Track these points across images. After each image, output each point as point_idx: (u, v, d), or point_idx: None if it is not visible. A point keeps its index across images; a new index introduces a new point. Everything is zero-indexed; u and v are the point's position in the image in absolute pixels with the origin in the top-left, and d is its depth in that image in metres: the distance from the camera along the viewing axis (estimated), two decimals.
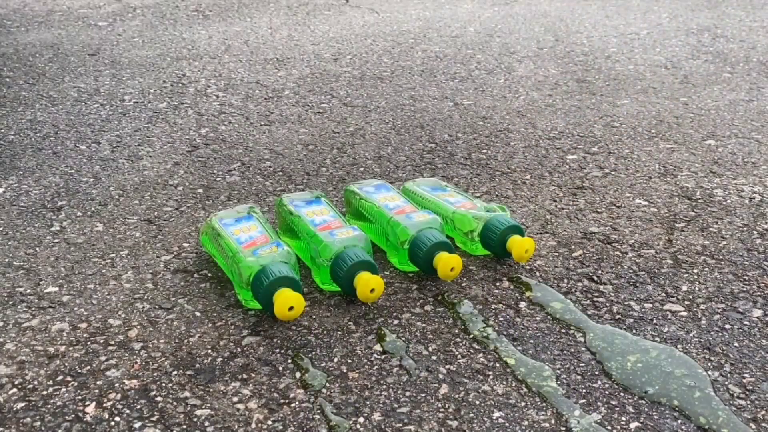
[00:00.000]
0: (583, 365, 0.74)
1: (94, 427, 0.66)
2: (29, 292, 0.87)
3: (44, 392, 0.70)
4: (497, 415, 0.68)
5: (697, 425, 0.66)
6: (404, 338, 0.78)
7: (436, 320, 0.82)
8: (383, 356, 0.76)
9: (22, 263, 0.93)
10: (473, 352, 0.76)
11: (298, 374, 0.73)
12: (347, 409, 0.68)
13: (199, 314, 0.83)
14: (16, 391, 0.71)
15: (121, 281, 0.89)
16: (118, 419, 0.67)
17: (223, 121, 1.45)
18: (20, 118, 1.45)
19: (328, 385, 0.71)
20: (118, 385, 0.71)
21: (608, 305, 0.85)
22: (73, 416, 0.67)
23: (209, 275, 0.90)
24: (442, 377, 0.73)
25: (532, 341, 0.78)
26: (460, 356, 0.76)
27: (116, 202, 1.10)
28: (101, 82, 1.69)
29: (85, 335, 0.79)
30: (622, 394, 0.70)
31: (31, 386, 0.71)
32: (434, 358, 0.75)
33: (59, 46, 2.00)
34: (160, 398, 0.70)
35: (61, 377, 0.73)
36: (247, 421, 0.67)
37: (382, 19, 2.45)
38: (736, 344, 0.78)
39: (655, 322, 0.82)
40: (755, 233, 1.01)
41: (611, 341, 0.78)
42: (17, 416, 0.67)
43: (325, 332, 0.79)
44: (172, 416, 0.67)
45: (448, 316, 0.82)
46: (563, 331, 0.80)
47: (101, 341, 0.78)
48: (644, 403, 0.69)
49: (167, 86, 1.67)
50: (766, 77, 1.73)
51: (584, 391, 0.71)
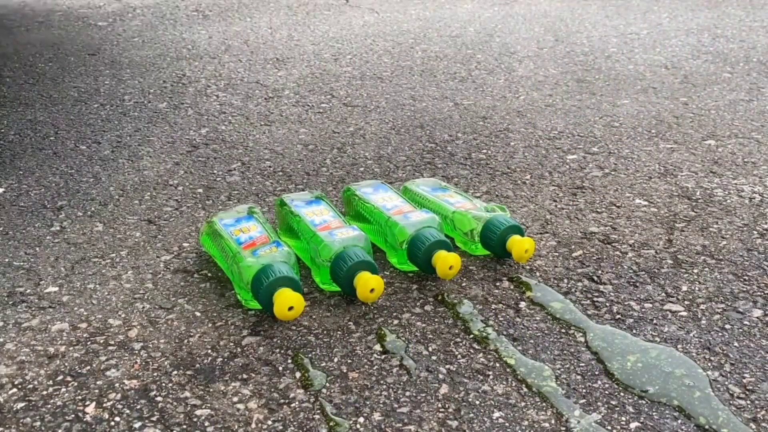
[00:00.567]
0: (583, 365, 0.74)
1: (94, 427, 0.66)
2: (29, 292, 0.87)
3: (44, 392, 0.70)
4: (497, 415, 0.68)
5: (697, 425, 0.66)
6: (404, 338, 0.78)
7: (436, 320, 0.82)
8: (383, 356, 0.76)
9: (22, 263, 0.93)
10: (473, 352, 0.76)
11: (298, 374, 0.73)
12: (347, 409, 0.68)
13: (199, 314, 0.83)
14: (16, 391, 0.71)
15: (121, 281, 0.89)
16: (118, 419, 0.67)
17: (223, 121, 1.45)
18: (20, 118, 1.45)
19: (328, 385, 0.71)
20: (118, 385, 0.71)
21: (608, 305, 0.85)
22: (73, 416, 0.67)
23: (209, 275, 0.90)
24: (442, 377, 0.73)
25: (532, 341, 0.78)
26: (460, 356, 0.76)
27: (116, 202, 1.10)
28: (101, 82, 1.69)
29: (85, 335, 0.79)
30: (622, 394, 0.70)
31: (31, 386, 0.71)
32: (434, 358, 0.75)
33: (59, 46, 2.00)
34: (160, 398, 0.70)
35: (61, 377, 0.73)
36: (247, 421, 0.67)
37: (382, 19, 2.45)
38: (736, 344, 0.78)
39: (655, 322, 0.82)
40: (755, 233, 1.01)
41: (611, 341, 0.78)
42: (17, 416, 0.67)
43: (325, 332, 0.79)
44: (172, 416, 0.67)
45: (448, 316, 0.82)
46: (563, 331, 0.80)
47: (101, 341, 0.78)
48: (644, 403, 0.69)
49: (167, 86, 1.67)
50: (766, 77, 1.73)
51: (584, 391, 0.71)
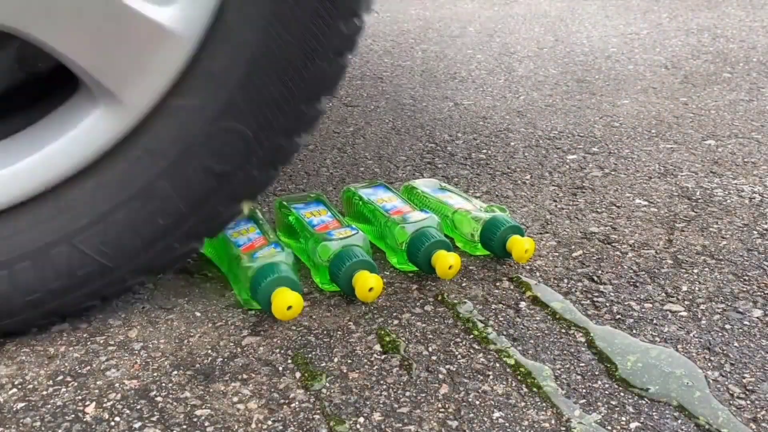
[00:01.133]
0: (583, 365, 0.74)
1: (94, 427, 0.66)
2: None
3: (44, 392, 0.70)
4: (497, 415, 0.68)
5: (697, 425, 0.66)
6: (404, 338, 0.78)
7: (436, 320, 0.82)
8: (383, 356, 0.76)
9: None
10: (473, 352, 0.76)
11: (298, 374, 0.73)
12: (347, 409, 0.68)
13: (199, 314, 0.83)
14: (16, 391, 0.71)
15: None
16: (118, 419, 0.67)
17: None
18: None
19: (328, 385, 0.71)
20: (118, 385, 0.71)
21: (608, 305, 0.85)
22: (73, 416, 0.67)
23: (209, 275, 0.90)
24: (442, 377, 0.73)
25: (532, 341, 0.78)
26: (460, 356, 0.76)
27: None
28: None
29: (85, 335, 0.79)
30: (622, 394, 0.70)
31: (31, 386, 0.71)
32: (434, 358, 0.75)
33: None
34: (160, 398, 0.70)
35: (61, 377, 0.73)
36: (247, 421, 0.67)
37: (382, 19, 2.45)
38: (736, 344, 0.78)
39: (655, 322, 0.82)
40: (755, 233, 1.01)
41: (611, 341, 0.78)
42: (17, 416, 0.67)
43: (325, 332, 0.79)
44: (172, 416, 0.67)
45: (448, 316, 0.82)
46: (563, 331, 0.80)
47: (101, 341, 0.78)
48: (644, 403, 0.69)
49: None
50: (766, 77, 1.73)
51: (584, 391, 0.71)
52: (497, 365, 0.74)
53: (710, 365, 0.74)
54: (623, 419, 0.67)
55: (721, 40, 2.08)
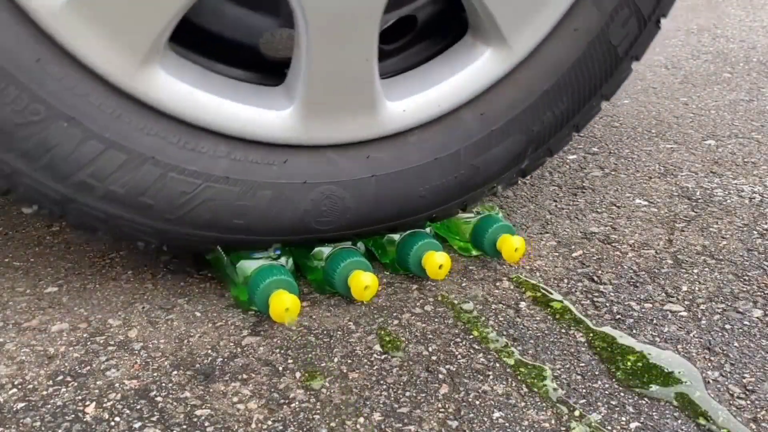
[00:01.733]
0: (583, 365, 0.74)
1: (94, 427, 0.66)
2: (29, 292, 0.87)
3: (44, 392, 0.70)
4: (497, 415, 0.68)
5: (697, 425, 0.66)
6: (404, 338, 0.78)
7: (436, 320, 0.82)
8: (383, 356, 0.76)
9: (22, 263, 0.93)
10: (473, 352, 0.76)
11: (298, 374, 0.73)
12: (347, 409, 0.68)
13: (199, 314, 0.83)
14: (16, 391, 0.71)
15: (121, 281, 0.89)
16: (118, 419, 0.67)
17: None
18: None
19: (328, 385, 0.71)
20: (118, 385, 0.71)
21: (608, 305, 0.85)
22: (73, 416, 0.67)
23: (209, 275, 0.90)
24: (442, 377, 0.73)
25: (532, 341, 0.78)
26: (460, 356, 0.76)
27: None
28: None
29: (85, 335, 0.79)
30: (622, 394, 0.70)
31: (31, 386, 0.71)
32: (434, 358, 0.75)
33: None
34: (160, 398, 0.70)
35: (61, 377, 0.72)
36: (247, 421, 0.67)
37: None
38: (736, 344, 0.78)
39: (655, 322, 0.82)
40: (755, 233, 1.01)
41: (611, 341, 0.78)
42: (17, 416, 0.67)
43: (325, 332, 0.79)
44: (172, 416, 0.67)
45: (448, 316, 0.82)
46: (563, 331, 0.80)
47: (101, 341, 0.78)
48: (644, 403, 0.69)
49: None
50: (766, 77, 1.73)
51: (584, 391, 0.71)
52: (497, 365, 0.74)
53: (710, 365, 0.74)
54: (623, 419, 0.67)
55: (721, 40, 2.08)
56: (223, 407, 0.68)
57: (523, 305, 0.85)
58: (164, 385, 0.71)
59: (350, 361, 0.75)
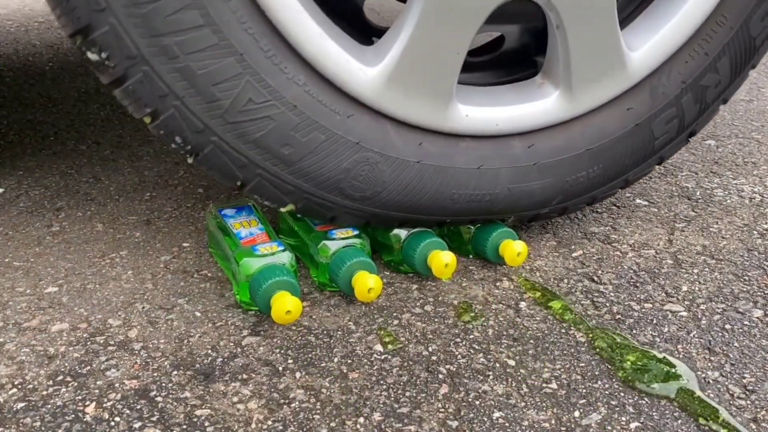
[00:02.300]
0: (583, 365, 0.74)
1: (94, 427, 0.66)
2: (29, 292, 0.87)
3: (44, 392, 0.70)
4: (497, 415, 0.68)
5: (697, 425, 0.66)
6: (404, 338, 0.78)
7: (436, 320, 0.82)
8: (383, 356, 0.76)
9: (22, 263, 0.93)
10: (473, 352, 0.76)
11: (298, 374, 0.73)
12: (347, 409, 0.68)
13: (199, 314, 0.83)
14: (16, 391, 0.71)
15: (120, 281, 0.89)
16: (118, 419, 0.67)
17: None
18: (20, 118, 1.45)
19: (328, 385, 0.71)
20: (118, 385, 0.71)
21: (608, 305, 0.85)
22: (73, 416, 0.67)
23: (209, 275, 0.90)
24: (442, 377, 0.73)
25: (532, 341, 0.78)
26: (460, 356, 0.76)
27: (116, 202, 1.10)
28: (101, 82, 1.69)
29: (85, 335, 0.79)
30: (622, 394, 0.70)
31: (31, 386, 0.71)
32: (434, 358, 0.75)
33: (59, 46, 2.00)
34: (160, 398, 0.70)
35: (61, 377, 0.73)
36: (247, 421, 0.67)
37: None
38: (736, 344, 0.78)
39: (655, 322, 0.82)
40: (755, 233, 1.01)
41: (611, 341, 0.78)
42: (17, 416, 0.67)
43: (325, 332, 0.79)
44: (172, 416, 0.67)
45: (448, 316, 0.82)
46: (563, 331, 0.80)
47: (101, 341, 0.78)
48: (644, 403, 0.69)
49: None
50: (766, 77, 1.73)
51: (584, 391, 0.71)
52: (497, 365, 0.74)
53: (710, 365, 0.74)
54: (623, 419, 0.67)
55: None
56: (223, 407, 0.69)
57: (523, 305, 0.85)
58: (164, 385, 0.71)
59: (350, 361, 0.75)
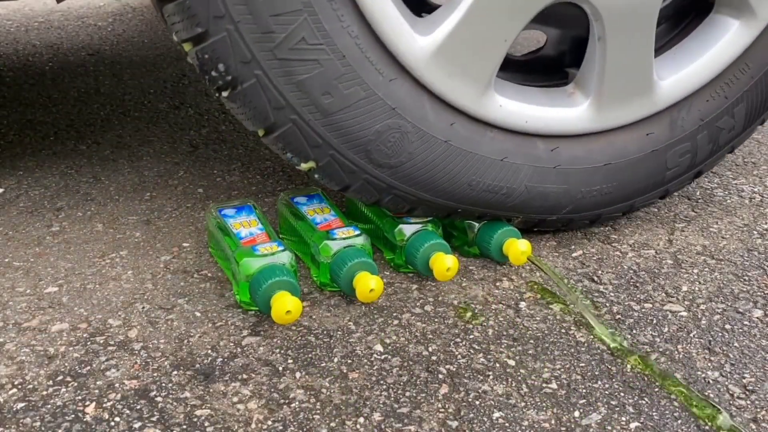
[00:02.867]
0: (583, 365, 0.74)
1: (94, 427, 0.66)
2: (29, 292, 0.87)
3: (44, 392, 0.70)
4: (497, 415, 0.68)
5: (697, 425, 0.66)
6: (404, 338, 0.78)
7: (436, 320, 0.82)
8: (383, 356, 0.76)
9: (22, 263, 0.93)
10: (473, 352, 0.76)
11: (298, 374, 0.73)
12: (347, 409, 0.68)
13: (199, 314, 0.83)
14: (16, 391, 0.71)
15: (121, 281, 0.89)
16: (118, 419, 0.67)
17: (223, 120, 1.45)
18: (20, 118, 1.45)
19: (328, 385, 0.71)
20: (118, 385, 0.71)
21: (608, 305, 0.85)
22: (73, 416, 0.67)
23: (209, 275, 0.90)
24: (442, 377, 0.73)
25: (532, 341, 0.78)
26: (460, 356, 0.76)
27: (116, 202, 1.10)
28: (101, 82, 1.69)
29: (85, 335, 0.79)
30: (622, 394, 0.70)
31: (31, 386, 0.71)
32: (434, 358, 0.75)
33: (59, 46, 2.00)
34: (160, 398, 0.70)
35: (61, 377, 0.73)
36: (247, 421, 0.67)
37: None
38: (736, 344, 0.78)
39: (655, 322, 0.82)
40: (755, 233, 1.01)
41: (611, 341, 0.78)
42: (17, 416, 0.67)
43: (325, 332, 0.79)
44: (172, 416, 0.67)
45: (448, 316, 0.82)
46: (563, 331, 0.80)
47: (101, 341, 0.78)
48: (644, 403, 0.69)
49: (167, 86, 1.67)
50: None
51: (584, 391, 0.71)
52: (497, 365, 0.74)
53: (710, 365, 0.74)
54: (623, 419, 0.67)
55: None
56: (223, 407, 0.69)
57: (523, 305, 0.85)
58: (164, 385, 0.71)
59: (350, 361, 0.75)
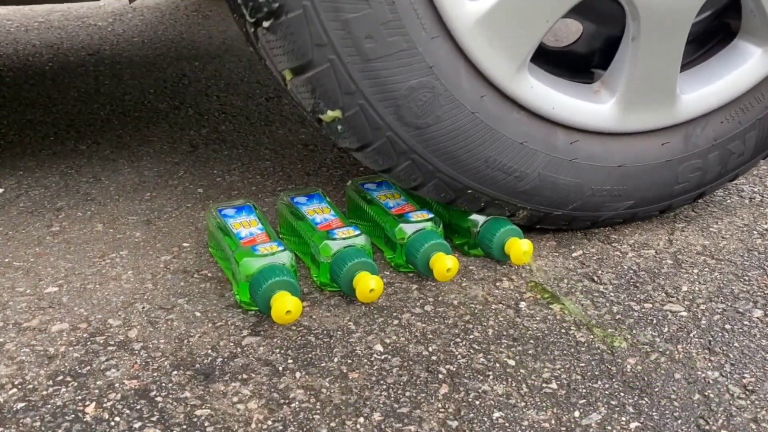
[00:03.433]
0: (583, 365, 0.74)
1: (94, 427, 0.66)
2: (29, 292, 0.87)
3: (44, 392, 0.70)
4: (497, 415, 0.68)
5: (697, 425, 0.66)
6: (404, 338, 0.78)
7: (436, 320, 0.82)
8: (383, 356, 0.76)
9: (22, 263, 0.93)
10: (473, 352, 0.76)
11: (298, 374, 0.73)
12: (347, 409, 0.68)
13: (199, 314, 0.83)
14: (16, 391, 0.71)
15: (121, 281, 0.89)
16: (118, 419, 0.67)
17: (223, 121, 1.45)
18: (20, 118, 1.45)
19: (328, 385, 0.71)
20: (118, 385, 0.71)
21: (608, 305, 0.85)
22: (73, 416, 0.67)
23: (209, 275, 0.90)
24: (442, 377, 0.73)
25: (532, 341, 0.78)
26: (460, 356, 0.76)
27: (116, 202, 1.10)
28: (101, 82, 1.69)
29: (85, 335, 0.79)
30: (622, 394, 0.70)
31: (31, 386, 0.71)
32: (434, 358, 0.75)
33: (59, 46, 2.00)
34: (160, 398, 0.70)
35: (61, 377, 0.73)
36: (247, 421, 0.67)
37: None
38: (736, 344, 0.78)
39: (655, 322, 0.82)
40: (755, 233, 1.01)
41: (611, 341, 0.78)
42: (17, 416, 0.67)
43: (325, 332, 0.79)
44: (172, 416, 0.67)
45: (448, 316, 0.82)
46: (563, 331, 0.80)
47: (101, 341, 0.78)
48: (644, 403, 0.69)
49: (167, 86, 1.67)
50: None
51: (584, 391, 0.71)
52: (497, 365, 0.74)
53: (710, 365, 0.74)
54: (623, 419, 0.67)
55: None
56: (223, 407, 0.69)
57: (523, 305, 0.85)
58: (164, 385, 0.71)
59: (350, 361, 0.75)
